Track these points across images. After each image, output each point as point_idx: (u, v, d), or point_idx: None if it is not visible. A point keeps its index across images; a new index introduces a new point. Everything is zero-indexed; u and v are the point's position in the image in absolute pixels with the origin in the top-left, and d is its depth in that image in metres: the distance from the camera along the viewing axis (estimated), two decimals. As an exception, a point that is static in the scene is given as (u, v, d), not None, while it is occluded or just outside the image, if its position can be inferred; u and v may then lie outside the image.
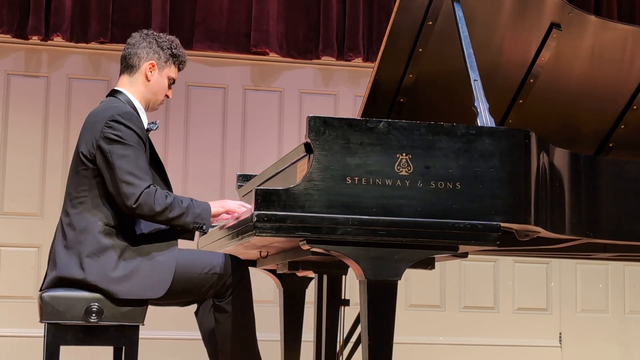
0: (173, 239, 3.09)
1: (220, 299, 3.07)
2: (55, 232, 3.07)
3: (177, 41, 3.26)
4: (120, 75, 3.22)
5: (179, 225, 3.00)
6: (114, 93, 3.17)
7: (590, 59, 3.54)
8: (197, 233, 3.15)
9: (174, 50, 3.21)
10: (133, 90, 3.17)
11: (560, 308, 6.25)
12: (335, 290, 3.41)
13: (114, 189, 2.94)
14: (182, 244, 3.16)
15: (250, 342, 3.11)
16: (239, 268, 3.09)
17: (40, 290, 3.00)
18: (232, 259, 3.10)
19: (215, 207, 3.09)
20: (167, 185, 3.18)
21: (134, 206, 2.91)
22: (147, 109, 3.22)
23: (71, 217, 3.00)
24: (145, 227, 3.09)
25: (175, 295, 3.02)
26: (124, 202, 2.93)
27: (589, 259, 3.90)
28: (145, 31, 3.25)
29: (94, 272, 2.91)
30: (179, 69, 3.27)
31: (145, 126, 3.16)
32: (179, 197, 3.00)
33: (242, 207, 3.12)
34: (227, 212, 3.13)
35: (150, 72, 3.17)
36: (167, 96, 3.25)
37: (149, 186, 2.94)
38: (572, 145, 3.49)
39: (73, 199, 3.02)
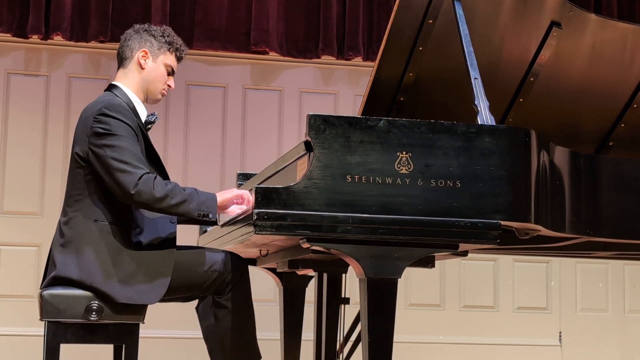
0: (172, 238, 3.07)
1: (219, 295, 3.06)
2: (55, 233, 3.06)
3: (170, 30, 3.21)
4: (117, 71, 3.21)
5: (181, 214, 2.91)
6: (110, 88, 3.16)
7: (591, 57, 3.54)
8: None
9: (166, 37, 3.16)
10: (129, 82, 3.15)
11: (560, 307, 6.25)
12: (335, 288, 3.41)
13: (110, 180, 2.89)
14: (184, 239, 3.16)
15: (250, 339, 3.10)
16: (238, 265, 3.09)
17: (40, 288, 2.99)
18: (232, 256, 3.10)
19: (223, 195, 3.01)
20: (165, 179, 3.14)
21: (133, 192, 2.84)
22: (146, 100, 3.18)
23: (68, 216, 2.99)
24: (143, 225, 3.07)
25: (176, 292, 3.01)
26: (122, 191, 2.86)
27: (589, 257, 3.91)
28: (137, 25, 3.22)
29: (90, 273, 2.89)
30: (178, 58, 3.21)
31: (144, 119, 3.14)
32: (182, 186, 2.94)
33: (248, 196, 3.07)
34: (237, 200, 3.06)
35: (144, 59, 3.13)
36: (168, 86, 3.21)
37: (146, 173, 2.88)
38: (572, 144, 3.48)
39: (70, 197, 3.01)
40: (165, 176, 3.13)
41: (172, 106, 5.82)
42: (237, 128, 5.92)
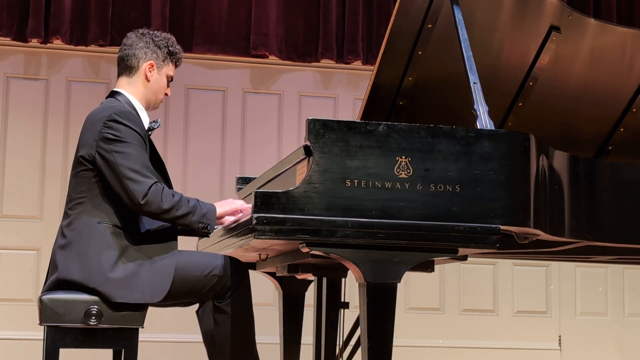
0: (173, 240, 3.09)
1: (220, 300, 3.07)
2: (56, 236, 3.07)
3: (173, 39, 3.25)
4: (118, 77, 3.22)
5: (184, 225, 2.97)
6: (113, 94, 3.18)
7: (590, 61, 3.54)
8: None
9: (170, 48, 3.20)
10: (133, 91, 3.17)
11: (560, 311, 6.25)
12: (335, 293, 3.40)
13: (119, 188, 2.93)
14: (182, 245, 3.16)
15: (249, 344, 3.11)
16: (238, 270, 3.09)
17: (42, 292, 3.00)
18: (232, 260, 3.10)
19: (222, 207, 3.06)
20: (168, 185, 3.17)
21: (142, 202, 2.89)
22: (148, 108, 3.22)
23: (70, 219, 3.00)
24: (145, 227, 3.08)
25: (175, 297, 3.02)
26: (131, 199, 2.91)
27: (588, 261, 3.90)
28: (140, 31, 3.23)
29: (93, 274, 2.90)
30: (176, 67, 3.27)
31: (147, 125, 3.16)
32: (185, 196, 2.98)
33: (246, 206, 3.11)
34: (234, 213, 3.10)
35: (150, 72, 3.17)
36: (166, 94, 3.25)
37: (155, 183, 2.93)
38: (571, 148, 3.48)
39: (72, 200, 3.03)
40: (168, 183, 3.16)
41: (171, 110, 5.83)
42: (236, 132, 5.92)
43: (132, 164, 2.92)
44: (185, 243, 3.45)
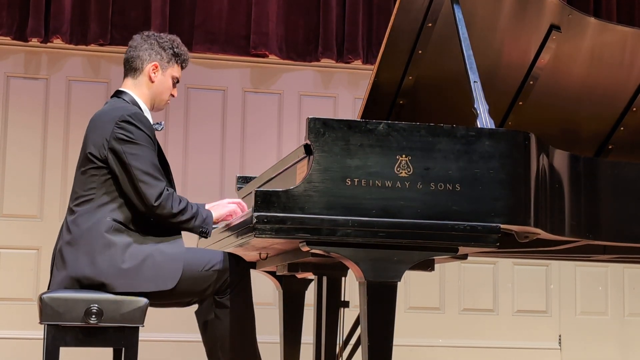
0: (178, 234, 3.12)
1: (220, 295, 3.08)
2: (60, 233, 3.07)
3: (178, 40, 3.29)
4: (124, 78, 3.24)
5: (187, 229, 3.05)
6: (118, 94, 3.20)
7: (590, 60, 3.54)
8: None
9: (175, 49, 3.24)
10: (137, 92, 3.20)
11: (560, 310, 6.25)
12: (335, 292, 3.40)
13: (132, 189, 2.98)
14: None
15: (250, 339, 3.11)
16: (239, 265, 3.10)
17: (50, 289, 3.00)
18: (232, 256, 3.12)
19: (217, 211, 3.15)
20: (171, 185, 3.20)
21: (155, 205, 2.96)
22: (152, 109, 3.26)
23: (77, 215, 3.01)
24: (152, 223, 3.09)
25: (177, 294, 3.03)
26: (143, 202, 2.96)
27: (588, 261, 3.91)
28: (146, 33, 3.27)
29: (104, 267, 2.91)
30: (182, 68, 3.29)
31: None
32: (189, 202, 3.05)
33: (241, 207, 3.18)
34: (228, 217, 3.16)
35: (154, 73, 3.20)
36: (172, 95, 3.28)
37: (166, 187, 3.00)
38: (571, 147, 3.48)
39: (80, 197, 3.04)
40: (171, 183, 3.20)
41: (172, 109, 5.82)
42: (236, 131, 5.93)
43: (145, 166, 2.98)
44: (186, 241, 3.45)
